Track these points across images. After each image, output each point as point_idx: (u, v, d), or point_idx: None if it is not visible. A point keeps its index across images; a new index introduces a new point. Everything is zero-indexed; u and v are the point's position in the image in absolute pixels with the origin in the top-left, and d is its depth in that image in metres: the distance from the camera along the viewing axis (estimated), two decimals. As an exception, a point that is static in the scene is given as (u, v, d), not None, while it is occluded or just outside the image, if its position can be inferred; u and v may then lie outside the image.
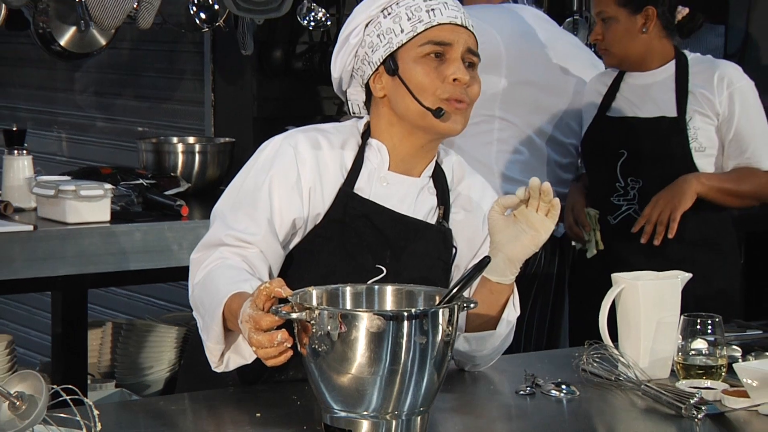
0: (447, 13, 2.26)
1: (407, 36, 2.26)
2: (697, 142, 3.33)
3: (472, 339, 2.28)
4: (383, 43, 2.27)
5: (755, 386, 2.08)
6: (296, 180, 2.23)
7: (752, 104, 3.33)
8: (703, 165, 3.34)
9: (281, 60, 4.64)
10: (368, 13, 2.30)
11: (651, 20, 3.36)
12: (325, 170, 2.26)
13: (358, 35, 2.30)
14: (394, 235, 2.27)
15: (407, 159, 2.30)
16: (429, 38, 2.25)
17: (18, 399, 1.79)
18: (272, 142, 2.29)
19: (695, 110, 3.34)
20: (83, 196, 3.52)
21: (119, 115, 5.40)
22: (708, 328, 2.25)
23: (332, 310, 1.88)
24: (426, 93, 2.24)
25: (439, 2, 2.27)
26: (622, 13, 3.38)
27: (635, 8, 3.36)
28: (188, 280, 2.23)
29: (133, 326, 4.25)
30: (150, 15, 4.01)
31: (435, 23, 2.25)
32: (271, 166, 2.24)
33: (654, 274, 2.36)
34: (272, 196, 2.22)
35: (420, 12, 2.26)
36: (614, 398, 2.20)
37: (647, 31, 3.37)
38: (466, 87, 2.25)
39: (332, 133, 2.30)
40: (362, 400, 1.87)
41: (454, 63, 2.25)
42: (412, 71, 2.25)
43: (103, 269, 3.52)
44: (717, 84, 3.33)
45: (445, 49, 2.25)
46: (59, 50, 4.41)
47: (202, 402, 2.16)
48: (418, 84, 2.24)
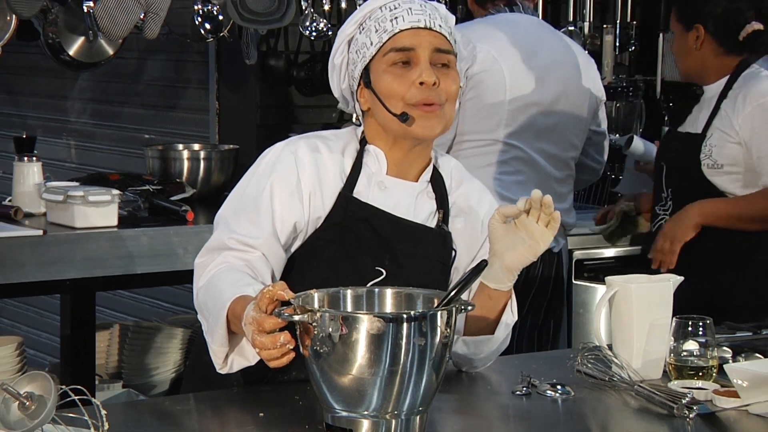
0: (409, 18, 2.26)
1: (375, 48, 2.27)
2: (711, 159, 3.35)
3: (471, 342, 2.30)
4: (359, 58, 2.29)
5: (745, 386, 2.10)
6: (297, 184, 2.26)
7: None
8: (722, 182, 3.35)
9: (284, 69, 4.66)
10: (347, 32, 2.32)
11: (701, 38, 3.37)
12: (325, 175, 2.28)
13: (342, 54, 2.32)
14: (393, 237, 2.29)
15: (401, 164, 2.32)
16: (392, 46, 2.25)
17: (28, 399, 1.81)
18: (273, 148, 2.32)
19: (717, 127, 3.35)
20: (91, 202, 3.54)
21: (126, 122, 5.42)
22: (699, 330, 2.28)
23: (333, 312, 1.91)
24: (394, 100, 2.25)
25: (403, 9, 2.27)
26: (679, 29, 3.42)
27: (687, 26, 3.39)
28: (193, 284, 2.27)
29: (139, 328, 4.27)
30: (156, 25, 4.03)
31: (397, 30, 2.25)
32: (272, 171, 2.27)
33: (647, 277, 2.38)
34: (274, 200, 2.25)
35: (385, 22, 2.27)
36: (608, 398, 2.22)
37: (698, 48, 3.38)
38: (436, 87, 2.24)
39: (332, 140, 2.33)
40: (363, 400, 1.89)
41: (420, 65, 2.24)
42: (381, 81, 2.26)
43: (110, 272, 3.54)
44: (740, 101, 3.32)
45: (409, 55, 2.25)
46: (68, 60, 4.42)
47: (207, 402, 2.17)
48: (386, 92, 2.26)
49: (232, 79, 4.79)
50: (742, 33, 3.38)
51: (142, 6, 3.98)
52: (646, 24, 5.18)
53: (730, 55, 3.39)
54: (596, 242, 4.28)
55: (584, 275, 4.19)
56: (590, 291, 4.15)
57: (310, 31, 4.50)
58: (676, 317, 2.31)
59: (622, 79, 5.13)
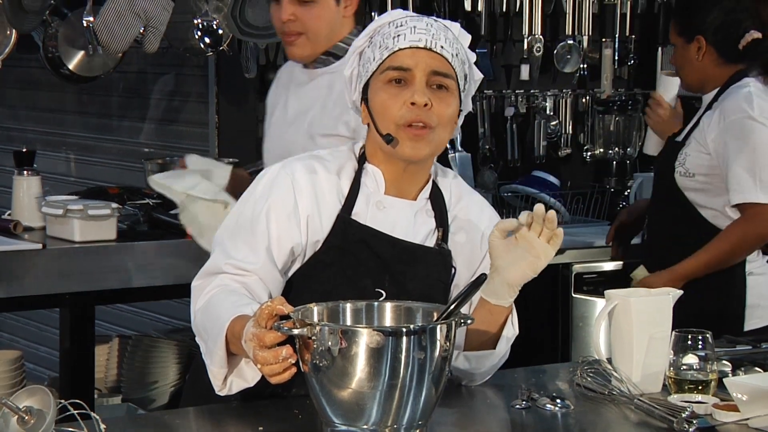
0: (410, 37, 2.22)
1: (375, 64, 2.25)
2: (684, 167, 3.39)
3: (473, 357, 2.30)
4: (364, 72, 2.28)
5: (745, 400, 2.10)
6: (294, 208, 2.24)
7: (743, 139, 3.28)
8: (691, 191, 3.38)
9: (283, 83, 4.68)
10: (358, 44, 2.31)
11: (703, 49, 3.40)
12: (322, 197, 2.26)
13: (352, 66, 2.31)
14: (393, 259, 2.27)
15: (397, 183, 2.30)
16: (390, 64, 2.23)
17: (27, 413, 1.82)
18: (270, 171, 2.30)
19: (694, 137, 3.39)
20: (91, 216, 3.55)
21: (126, 136, 5.43)
22: (699, 344, 2.27)
23: (333, 326, 1.91)
24: (386, 119, 2.23)
25: (407, 27, 2.24)
26: (680, 42, 3.45)
27: (689, 38, 3.42)
28: (190, 307, 2.25)
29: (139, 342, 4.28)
30: (156, 39, 4.04)
31: (396, 49, 2.22)
32: (269, 195, 2.25)
33: (646, 291, 2.39)
34: (270, 225, 2.23)
35: (388, 39, 2.24)
36: (608, 412, 2.22)
37: (701, 59, 3.41)
38: (428, 109, 2.21)
39: (329, 160, 2.30)
40: (362, 413, 1.89)
41: (414, 86, 2.21)
42: (376, 98, 2.24)
43: (109, 286, 3.56)
44: (717, 113, 3.35)
45: (404, 75, 2.22)
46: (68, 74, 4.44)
47: (206, 416, 2.17)
48: (378, 110, 2.24)
49: (232, 92, 4.80)
50: (741, 42, 3.40)
51: (141, 20, 4.00)
52: (645, 38, 5.20)
53: (729, 64, 3.41)
54: (596, 256, 4.28)
55: (584, 289, 4.19)
56: (590, 304, 4.15)
57: (310, 45, 4.51)
58: (676, 331, 2.31)
59: (621, 93, 5.14)
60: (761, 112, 3.30)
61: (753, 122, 3.30)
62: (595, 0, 5.07)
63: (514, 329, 2.32)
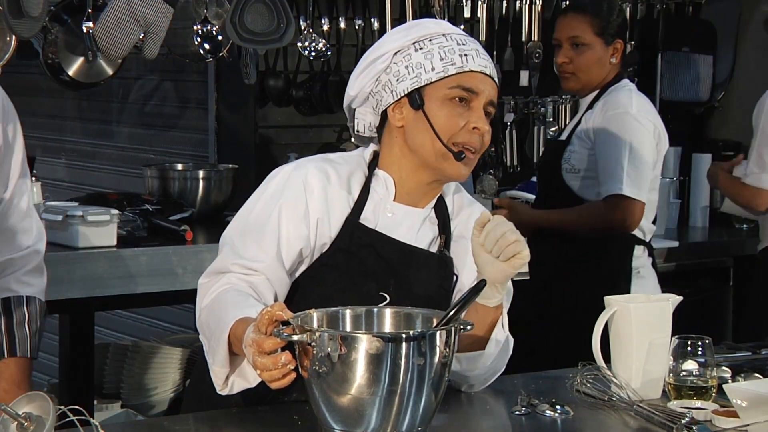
0: (479, 61, 2.29)
1: (438, 75, 2.27)
2: (569, 164, 3.54)
3: (463, 359, 2.30)
4: (411, 75, 2.28)
5: (745, 407, 2.11)
6: (305, 211, 2.25)
7: (619, 133, 3.39)
8: (578, 186, 3.54)
9: (283, 89, 4.68)
10: (400, 43, 2.30)
11: (618, 52, 3.52)
12: (332, 201, 2.28)
13: (385, 61, 2.30)
14: (398, 263, 2.29)
15: (412, 193, 2.33)
16: (459, 83, 2.27)
17: (26, 419, 1.82)
18: (282, 171, 2.31)
19: (577, 135, 3.53)
20: (90, 222, 3.55)
21: (126, 142, 5.43)
22: (698, 350, 2.28)
23: (332, 332, 1.91)
24: (444, 134, 2.27)
25: (472, 49, 2.30)
26: (599, 42, 3.51)
27: (609, 39, 3.50)
28: (193, 303, 2.26)
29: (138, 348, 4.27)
30: (156, 46, 4.04)
31: (467, 69, 2.27)
32: (280, 196, 2.26)
33: (645, 297, 2.40)
34: (281, 225, 2.24)
35: (453, 54, 2.28)
36: (607, 418, 2.22)
37: (615, 61, 3.52)
38: (482, 136, 2.29)
39: (340, 164, 2.32)
40: (362, 420, 1.90)
41: (477, 112, 2.28)
42: (438, 111, 2.27)
43: (109, 292, 3.56)
44: (599, 110, 3.50)
45: (471, 96, 2.28)
46: (68, 80, 4.44)
47: (206, 422, 2.17)
48: (440, 124, 2.27)
49: (231, 98, 4.81)
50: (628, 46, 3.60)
51: (141, 26, 4.00)
52: (645, 44, 5.20)
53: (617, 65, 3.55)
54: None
55: (583, 294, 4.18)
56: (589, 310, 4.14)
57: (309, 51, 4.53)
58: (676, 337, 2.31)
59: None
60: (639, 110, 3.46)
61: (631, 119, 3.43)
62: (595, 6, 5.07)
63: (504, 331, 2.32)
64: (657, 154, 3.53)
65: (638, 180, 3.43)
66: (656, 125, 3.52)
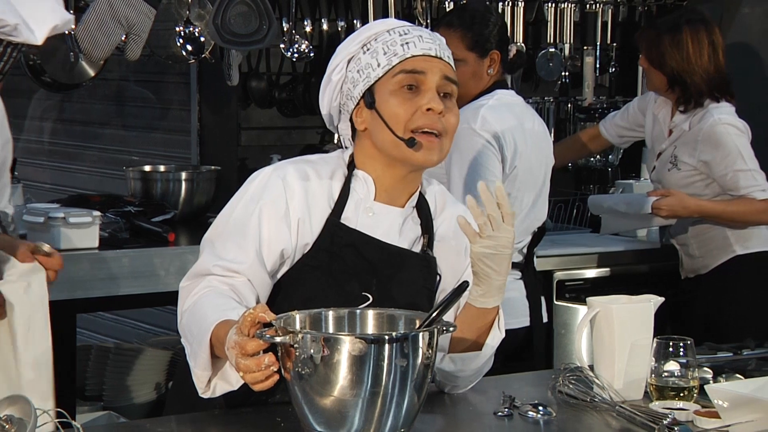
0: (421, 45, 2.29)
1: (383, 69, 2.28)
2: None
3: (458, 359, 2.31)
4: (362, 78, 2.30)
5: (726, 407, 2.11)
6: (285, 211, 2.26)
7: (460, 151, 3.35)
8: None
9: (265, 90, 4.68)
10: (349, 50, 2.33)
11: (495, 63, 3.49)
12: (313, 201, 2.28)
13: (340, 72, 2.33)
14: (380, 263, 2.29)
15: (390, 190, 2.33)
16: (401, 69, 2.27)
17: (7, 422, 1.82)
18: (262, 173, 2.32)
19: None
20: (72, 223, 3.54)
21: (108, 144, 5.42)
22: (680, 351, 2.29)
23: (315, 333, 1.91)
24: (399, 124, 2.26)
25: (414, 36, 2.30)
26: (471, 57, 3.49)
27: (484, 52, 3.48)
28: (176, 305, 2.25)
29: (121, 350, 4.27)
30: (138, 47, 4.04)
31: (409, 55, 2.27)
32: (260, 197, 2.27)
33: (627, 298, 2.39)
34: (261, 226, 2.24)
35: (395, 46, 2.28)
36: (590, 419, 2.22)
37: (493, 72, 3.50)
38: (440, 116, 2.27)
39: (320, 165, 2.33)
40: (344, 421, 1.90)
41: (428, 93, 2.27)
42: (387, 103, 2.27)
43: (91, 294, 3.54)
44: None
45: (418, 80, 2.27)
46: (49, 81, 4.43)
47: (189, 424, 2.17)
48: (392, 115, 2.27)
49: (214, 100, 4.80)
50: (510, 54, 3.56)
51: (123, 28, 3.99)
52: (626, 46, 5.22)
53: (501, 76, 3.55)
54: (578, 263, 4.30)
55: (566, 296, 4.20)
56: (572, 312, 4.16)
57: (292, 53, 4.53)
58: (657, 338, 2.32)
59: (603, 100, 5.17)
60: (483, 125, 3.39)
61: (473, 133, 3.38)
62: (577, 8, 5.09)
63: (501, 333, 2.33)
64: (510, 168, 3.44)
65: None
66: (502, 139, 3.41)
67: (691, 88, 3.84)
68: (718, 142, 3.81)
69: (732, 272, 3.91)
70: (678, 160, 3.90)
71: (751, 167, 3.81)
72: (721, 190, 3.86)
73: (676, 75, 3.84)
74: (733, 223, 3.88)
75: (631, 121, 4.16)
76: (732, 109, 3.88)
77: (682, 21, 3.86)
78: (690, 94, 3.85)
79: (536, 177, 3.53)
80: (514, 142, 3.44)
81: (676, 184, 3.91)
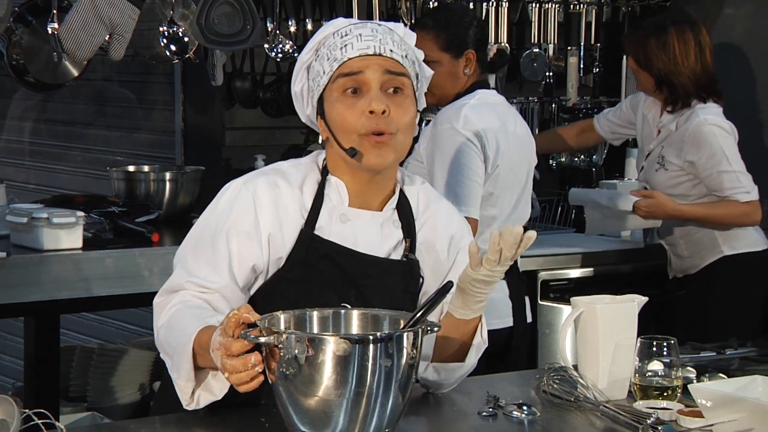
0: (358, 45, 2.21)
1: (327, 76, 2.22)
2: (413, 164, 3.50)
3: (442, 369, 2.30)
4: (315, 86, 2.26)
5: (709, 406, 2.12)
6: (254, 227, 2.22)
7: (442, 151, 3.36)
8: None
9: (250, 90, 4.68)
10: (304, 59, 2.29)
11: (471, 62, 3.49)
12: (284, 213, 2.24)
13: (301, 81, 2.29)
14: (358, 273, 2.25)
15: (363, 194, 2.28)
16: (340, 72, 2.20)
17: (-9, 423, 1.81)
18: (232, 186, 2.28)
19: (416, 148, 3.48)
20: (56, 224, 3.53)
21: (91, 144, 5.41)
22: (664, 350, 2.29)
23: (299, 334, 1.91)
24: (346, 132, 2.20)
25: (353, 36, 2.22)
26: (446, 57, 3.49)
27: (459, 52, 3.48)
28: (153, 324, 2.24)
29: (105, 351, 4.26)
30: (122, 47, 4.03)
31: (345, 59, 2.20)
32: (229, 213, 2.23)
33: (611, 298, 2.40)
34: (231, 243, 2.21)
35: (335, 50, 2.22)
36: (574, 419, 2.23)
37: (469, 72, 3.49)
38: (386, 116, 2.19)
39: (291, 174, 2.28)
40: (329, 422, 1.90)
41: (370, 93, 2.19)
42: (333, 111, 2.22)
43: (75, 295, 3.53)
44: (431, 124, 3.48)
45: (359, 81, 2.20)
46: (32, 81, 4.42)
47: (173, 425, 2.17)
48: (337, 123, 2.21)
49: (198, 100, 4.80)
50: (489, 53, 3.56)
51: (107, 27, 3.98)
52: (610, 46, 5.23)
53: (481, 76, 3.55)
54: (562, 263, 4.31)
55: (550, 296, 4.21)
56: (556, 311, 4.17)
57: (276, 53, 4.53)
58: (641, 338, 2.33)
59: (587, 101, 5.18)
60: (465, 124, 3.39)
61: (455, 133, 3.38)
62: (561, 9, 5.10)
63: (484, 341, 2.32)
64: (492, 168, 3.43)
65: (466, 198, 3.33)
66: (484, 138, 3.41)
67: (679, 89, 3.85)
68: (703, 142, 3.82)
69: (720, 272, 3.91)
70: (665, 161, 3.91)
71: (735, 168, 3.82)
72: (708, 191, 3.87)
73: (663, 76, 3.85)
74: (715, 226, 3.89)
75: (624, 118, 4.18)
76: (719, 109, 3.89)
77: (667, 22, 3.87)
78: (677, 94, 3.86)
79: (519, 177, 3.54)
80: (497, 141, 3.44)
81: (664, 184, 3.92)
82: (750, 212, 3.83)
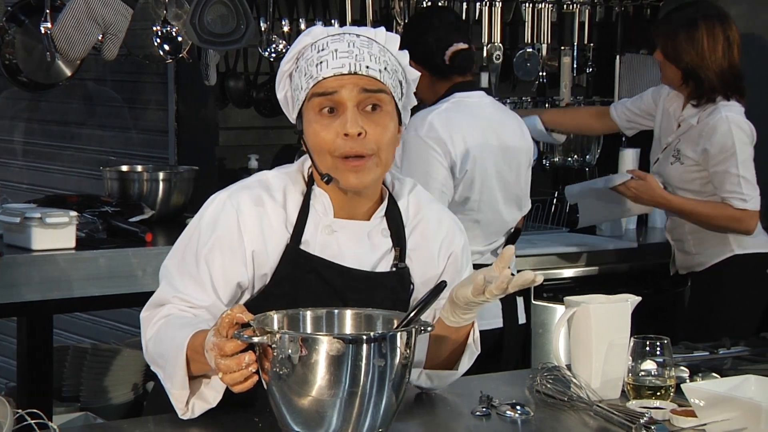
0: (333, 63, 2.13)
1: (304, 93, 2.17)
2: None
3: (435, 377, 2.30)
4: (295, 100, 2.22)
5: (702, 406, 2.12)
6: (238, 244, 2.19)
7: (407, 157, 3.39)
8: None
9: (243, 90, 4.67)
10: (285, 68, 2.23)
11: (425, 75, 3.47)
12: (269, 229, 2.20)
13: (284, 88, 2.25)
14: (345, 288, 2.22)
15: (347, 205, 2.23)
16: (314, 91, 2.14)
17: (-17, 423, 1.81)
18: (216, 199, 2.23)
19: None
20: (49, 224, 3.53)
21: (85, 144, 5.40)
22: (657, 350, 2.30)
23: (293, 333, 1.91)
24: (322, 152, 2.16)
25: (328, 52, 2.15)
26: (419, 68, 3.50)
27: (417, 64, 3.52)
28: (141, 338, 2.23)
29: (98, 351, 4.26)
30: (115, 47, 4.02)
31: (320, 78, 2.14)
32: (213, 229, 2.20)
33: (605, 298, 2.40)
34: (214, 261, 2.19)
35: (311, 66, 2.16)
36: (567, 418, 2.23)
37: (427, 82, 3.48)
38: (362, 139, 2.13)
39: (275, 187, 2.23)
40: (322, 421, 1.90)
41: (345, 114, 2.13)
42: (309, 130, 2.17)
43: (68, 295, 3.53)
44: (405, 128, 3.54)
45: (335, 101, 2.14)
46: (25, 81, 4.41)
47: (167, 425, 2.16)
48: (314, 144, 2.17)
49: (192, 100, 4.79)
50: (447, 55, 3.53)
51: (100, 27, 3.98)
52: (604, 46, 5.24)
53: (442, 80, 3.54)
54: (555, 263, 4.31)
55: (543, 295, 4.21)
56: (549, 311, 4.17)
57: (270, 53, 4.53)
58: (634, 337, 2.33)
59: (580, 101, 5.18)
60: (429, 131, 3.41)
61: (419, 140, 3.40)
62: (554, 8, 5.10)
63: (476, 347, 2.31)
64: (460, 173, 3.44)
65: None
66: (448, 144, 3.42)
67: (705, 84, 3.83)
68: (721, 136, 3.81)
69: (727, 271, 3.90)
70: (681, 154, 3.90)
71: (741, 173, 3.80)
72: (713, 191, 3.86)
73: (691, 70, 3.84)
74: (701, 224, 3.88)
75: (643, 108, 4.18)
76: (741, 109, 3.87)
77: (698, 16, 3.86)
78: (703, 89, 3.84)
79: (504, 178, 3.53)
80: (465, 145, 3.43)
81: (677, 178, 3.90)
82: (741, 219, 3.81)
